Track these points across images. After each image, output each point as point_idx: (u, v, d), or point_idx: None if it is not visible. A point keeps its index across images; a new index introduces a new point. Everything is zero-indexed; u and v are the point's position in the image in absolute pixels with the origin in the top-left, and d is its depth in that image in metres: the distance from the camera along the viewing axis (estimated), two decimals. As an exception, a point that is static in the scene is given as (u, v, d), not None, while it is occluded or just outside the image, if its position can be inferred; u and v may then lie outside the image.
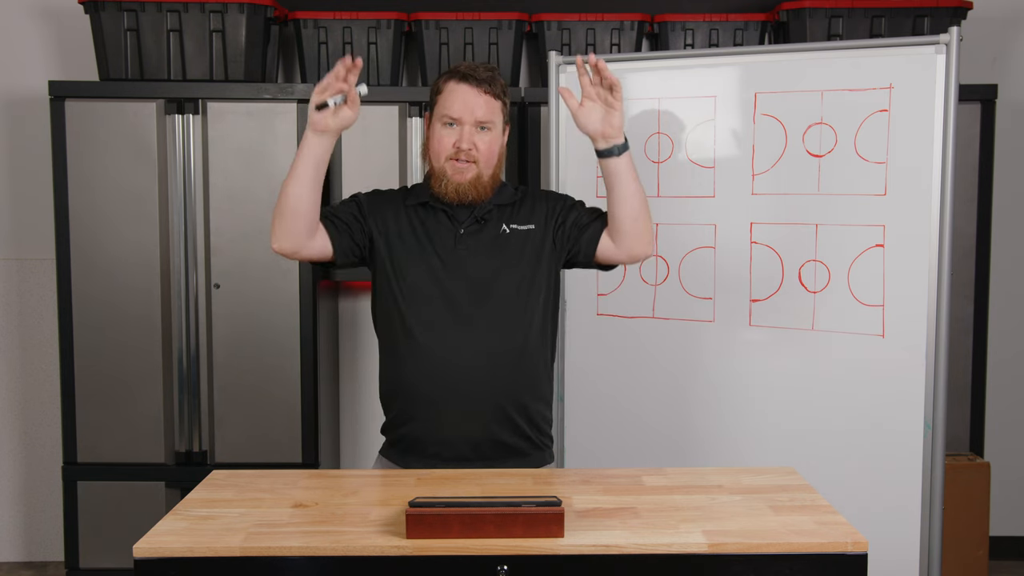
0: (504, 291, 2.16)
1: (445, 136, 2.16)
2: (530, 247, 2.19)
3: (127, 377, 3.30)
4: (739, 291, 2.83)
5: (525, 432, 2.18)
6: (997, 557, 3.77)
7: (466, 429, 2.14)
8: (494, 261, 2.17)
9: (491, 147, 2.17)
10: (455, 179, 2.15)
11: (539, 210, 2.23)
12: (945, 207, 2.58)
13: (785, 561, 1.61)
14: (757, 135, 2.80)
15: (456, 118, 2.15)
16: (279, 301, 3.29)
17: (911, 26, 3.37)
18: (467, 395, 2.12)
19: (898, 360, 2.64)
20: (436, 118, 2.18)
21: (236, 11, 3.30)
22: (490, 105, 2.16)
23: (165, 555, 1.60)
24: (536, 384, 2.20)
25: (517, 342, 2.16)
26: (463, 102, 2.14)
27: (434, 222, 2.20)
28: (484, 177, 2.17)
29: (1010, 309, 3.81)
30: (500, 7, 3.51)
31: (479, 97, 2.15)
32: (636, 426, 2.96)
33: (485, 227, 2.19)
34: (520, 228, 2.20)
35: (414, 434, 2.17)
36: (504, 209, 2.22)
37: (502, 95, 2.20)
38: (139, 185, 3.26)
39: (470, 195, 2.16)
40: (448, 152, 2.15)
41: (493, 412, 2.14)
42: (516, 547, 1.60)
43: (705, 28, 3.53)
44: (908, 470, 2.65)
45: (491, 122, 2.17)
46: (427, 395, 2.14)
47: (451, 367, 2.12)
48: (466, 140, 2.14)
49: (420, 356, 2.14)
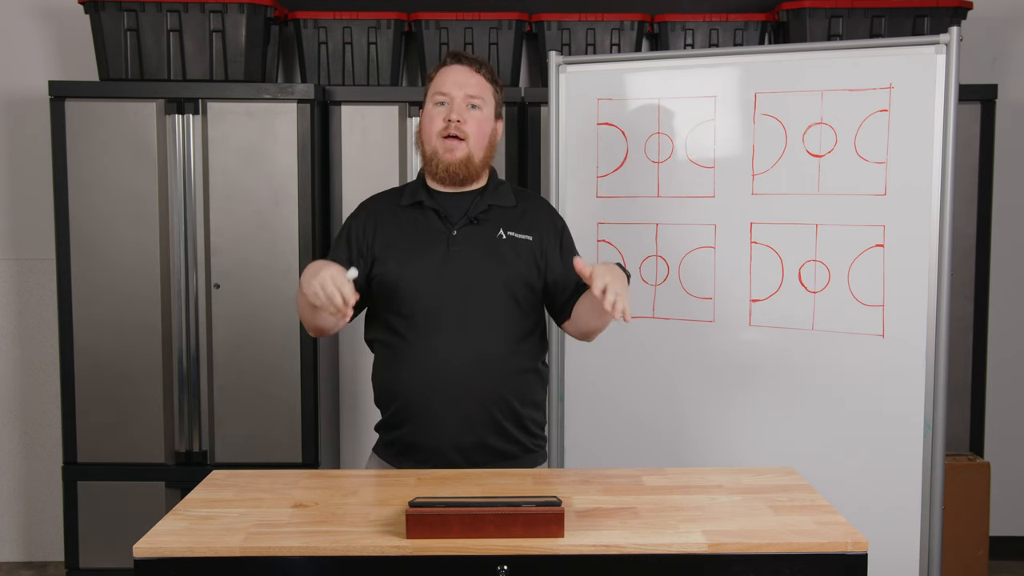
0: (496, 294, 2.14)
1: (435, 113, 2.16)
2: (526, 255, 2.18)
3: (127, 377, 3.30)
4: (739, 291, 2.83)
5: (514, 436, 2.17)
6: (997, 557, 3.77)
7: (456, 434, 2.12)
8: (488, 264, 2.15)
9: (482, 126, 2.16)
10: (445, 158, 2.14)
11: (539, 224, 2.22)
12: (945, 207, 2.58)
13: (785, 561, 1.61)
14: (757, 135, 2.79)
15: (446, 93, 2.15)
16: (279, 301, 3.29)
17: (911, 26, 3.37)
18: (458, 398, 2.11)
19: (898, 360, 2.64)
20: (428, 100, 2.19)
21: (236, 11, 3.30)
22: (481, 85, 2.17)
23: (165, 555, 1.60)
24: (527, 388, 2.19)
25: (509, 345, 2.15)
26: (453, 79, 2.16)
27: (426, 223, 2.18)
28: (475, 159, 2.16)
29: (1010, 309, 3.81)
30: (500, 7, 3.51)
31: (471, 76, 2.16)
32: (636, 426, 2.96)
33: (479, 228, 2.17)
34: (518, 236, 2.18)
35: (407, 438, 2.16)
36: (503, 212, 2.21)
37: (493, 81, 2.20)
38: (139, 185, 3.26)
39: (460, 174, 2.15)
40: (439, 127, 2.14)
41: (481, 416, 2.13)
42: (516, 547, 1.60)
43: (705, 28, 3.53)
44: (908, 470, 2.65)
45: (481, 99, 2.16)
46: (419, 398, 2.13)
47: (442, 369, 2.11)
48: (456, 112, 2.13)
49: (411, 358, 2.13)
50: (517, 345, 2.16)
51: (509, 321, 2.15)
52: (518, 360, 2.17)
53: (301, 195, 3.26)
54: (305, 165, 3.25)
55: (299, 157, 3.25)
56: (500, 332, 2.14)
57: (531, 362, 2.20)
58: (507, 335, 2.15)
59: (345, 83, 3.51)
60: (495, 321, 2.14)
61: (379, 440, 2.27)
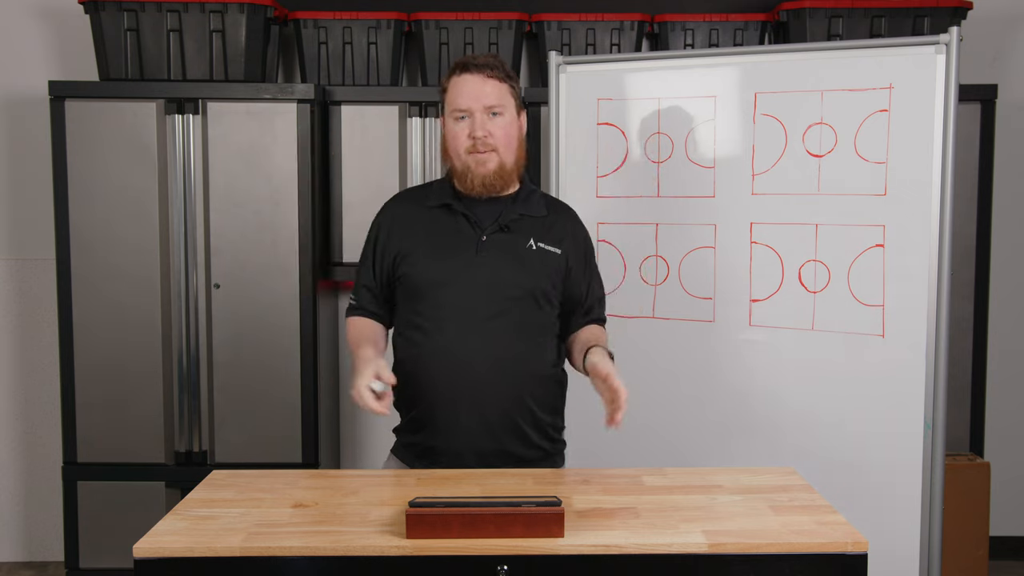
0: (523, 302, 2.13)
1: (459, 130, 2.12)
2: (553, 267, 2.17)
3: (127, 377, 3.30)
4: (739, 291, 2.83)
5: (535, 442, 2.17)
6: (997, 557, 3.77)
7: (477, 440, 2.11)
8: (515, 272, 2.13)
9: (507, 131, 2.12)
10: (479, 171, 2.11)
11: (568, 238, 2.20)
12: (945, 207, 2.58)
13: (785, 561, 1.61)
14: (757, 135, 2.79)
15: (465, 109, 2.10)
16: (279, 301, 3.29)
17: (911, 26, 3.37)
18: (480, 405, 2.10)
19: (898, 360, 2.64)
20: (447, 115, 2.15)
21: (236, 11, 3.30)
22: (497, 89, 2.11)
23: (165, 555, 1.60)
24: (548, 394, 2.19)
25: (532, 352, 2.13)
26: (468, 92, 2.10)
27: (455, 226, 2.16)
28: (508, 165, 2.13)
29: (1010, 309, 3.81)
30: (500, 7, 3.51)
31: (484, 83, 2.10)
32: (636, 426, 2.95)
33: (509, 236, 2.15)
34: (547, 248, 2.17)
35: (427, 442, 2.15)
36: (534, 222, 2.18)
37: (508, 78, 2.14)
38: (139, 185, 3.26)
39: (497, 185, 2.13)
40: (465, 145, 2.11)
41: (504, 423, 2.12)
42: (516, 547, 1.60)
43: (705, 28, 3.53)
44: (908, 470, 2.65)
45: (501, 106, 2.11)
46: (440, 403, 2.12)
47: (464, 374, 2.10)
48: (479, 128, 2.09)
49: (433, 361, 2.12)
50: (540, 352, 2.16)
51: (533, 329, 2.14)
52: (540, 367, 2.16)
53: (301, 195, 3.26)
54: (305, 165, 3.25)
55: (299, 157, 3.25)
56: (524, 339, 2.13)
57: (552, 368, 2.19)
58: (531, 342, 2.14)
59: (345, 83, 3.51)
60: (519, 328, 2.12)
61: (398, 442, 2.25)
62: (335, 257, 3.48)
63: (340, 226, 3.46)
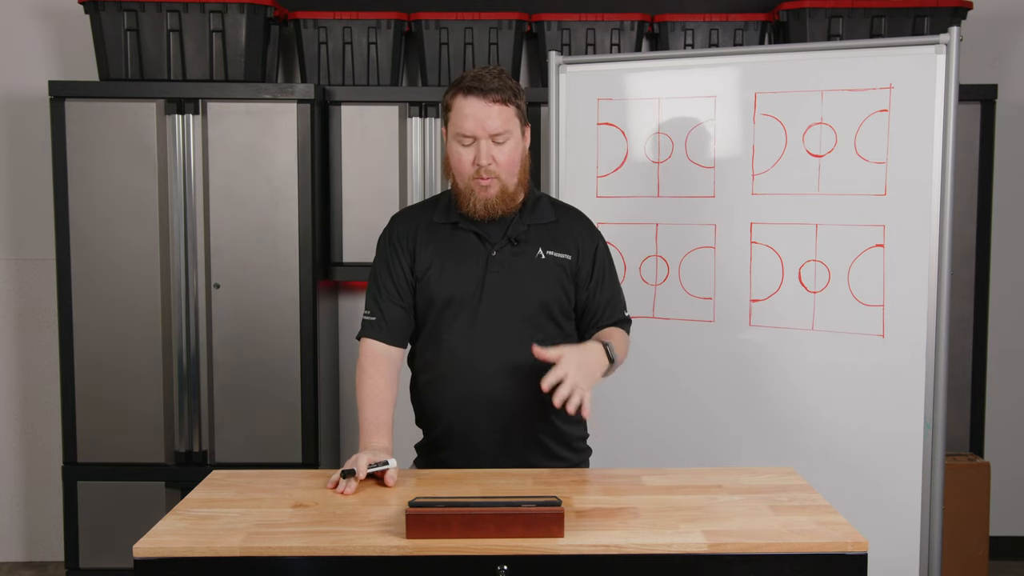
0: (537, 314, 2.13)
1: (463, 155, 2.09)
2: (564, 274, 2.16)
3: (127, 377, 3.30)
4: (739, 291, 2.83)
5: (559, 454, 2.17)
6: (997, 557, 3.76)
7: (501, 459, 2.11)
8: (526, 284, 2.12)
9: (511, 157, 2.09)
10: (481, 196, 2.09)
11: (577, 242, 2.19)
12: (945, 207, 2.58)
13: (785, 561, 1.61)
14: (757, 135, 2.79)
15: (470, 135, 2.07)
16: (279, 301, 3.29)
17: (911, 26, 3.37)
18: (503, 424, 2.10)
19: (898, 360, 2.64)
20: (451, 136, 2.12)
21: (236, 11, 3.30)
22: (503, 114, 2.07)
23: (165, 555, 1.60)
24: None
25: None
26: (474, 118, 2.06)
27: (464, 242, 2.15)
28: (509, 188, 2.11)
29: (1010, 309, 3.81)
30: (500, 7, 3.51)
31: (490, 108, 2.06)
32: (635, 426, 2.96)
33: (519, 248, 2.14)
34: (557, 256, 2.16)
35: (450, 463, 2.14)
36: (542, 231, 2.17)
37: (514, 99, 2.10)
38: (139, 185, 3.26)
39: (499, 209, 2.11)
40: (470, 172, 2.08)
41: (527, 441, 2.12)
42: (516, 547, 1.60)
43: (705, 28, 3.53)
44: (908, 470, 2.65)
45: (506, 132, 2.08)
46: (462, 423, 2.11)
47: (484, 392, 2.09)
48: (484, 156, 2.06)
49: (453, 379, 2.11)
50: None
51: (549, 341, 2.10)
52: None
53: (301, 195, 3.26)
54: (305, 165, 3.25)
55: (299, 157, 3.25)
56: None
57: None
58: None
59: (345, 83, 3.51)
60: (536, 341, 2.07)
61: (420, 458, 2.25)
62: (335, 257, 3.48)
63: (340, 226, 3.46)
